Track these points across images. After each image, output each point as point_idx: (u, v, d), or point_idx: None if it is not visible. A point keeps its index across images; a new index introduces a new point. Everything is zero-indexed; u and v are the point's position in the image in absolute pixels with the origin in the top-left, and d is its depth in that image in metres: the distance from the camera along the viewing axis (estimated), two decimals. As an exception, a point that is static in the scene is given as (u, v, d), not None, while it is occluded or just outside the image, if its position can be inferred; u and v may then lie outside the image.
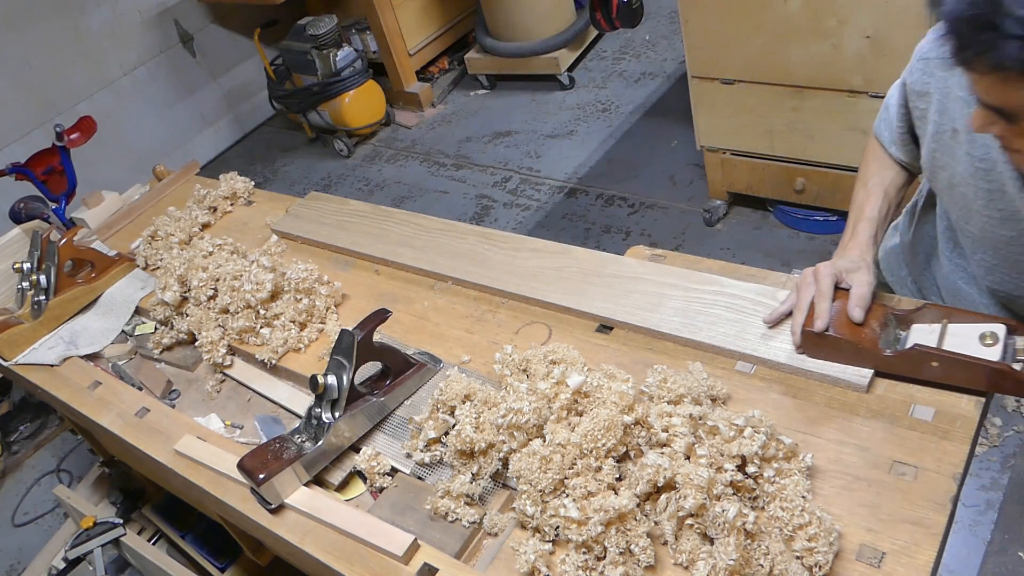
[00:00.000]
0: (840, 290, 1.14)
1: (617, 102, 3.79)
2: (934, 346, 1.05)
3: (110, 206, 2.11)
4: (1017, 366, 1.01)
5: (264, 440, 1.33)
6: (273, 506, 1.16)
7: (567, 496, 0.99)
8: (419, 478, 1.17)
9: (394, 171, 3.92)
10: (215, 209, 1.96)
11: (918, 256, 1.40)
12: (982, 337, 1.04)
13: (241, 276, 1.52)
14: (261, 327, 1.49)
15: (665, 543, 0.97)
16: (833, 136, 2.46)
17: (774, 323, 1.19)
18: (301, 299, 1.50)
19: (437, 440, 1.16)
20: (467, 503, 1.09)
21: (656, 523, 0.98)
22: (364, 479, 1.21)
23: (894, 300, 1.20)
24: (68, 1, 3.77)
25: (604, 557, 0.96)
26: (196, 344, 1.52)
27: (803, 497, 0.94)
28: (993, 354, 1.02)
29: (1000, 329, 1.04)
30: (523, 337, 1.35)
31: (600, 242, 3.03)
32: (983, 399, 1.03)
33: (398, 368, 1.28)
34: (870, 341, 1.08)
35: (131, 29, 4.06)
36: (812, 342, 1.12)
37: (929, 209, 1.34)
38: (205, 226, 1.92)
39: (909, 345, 1.06)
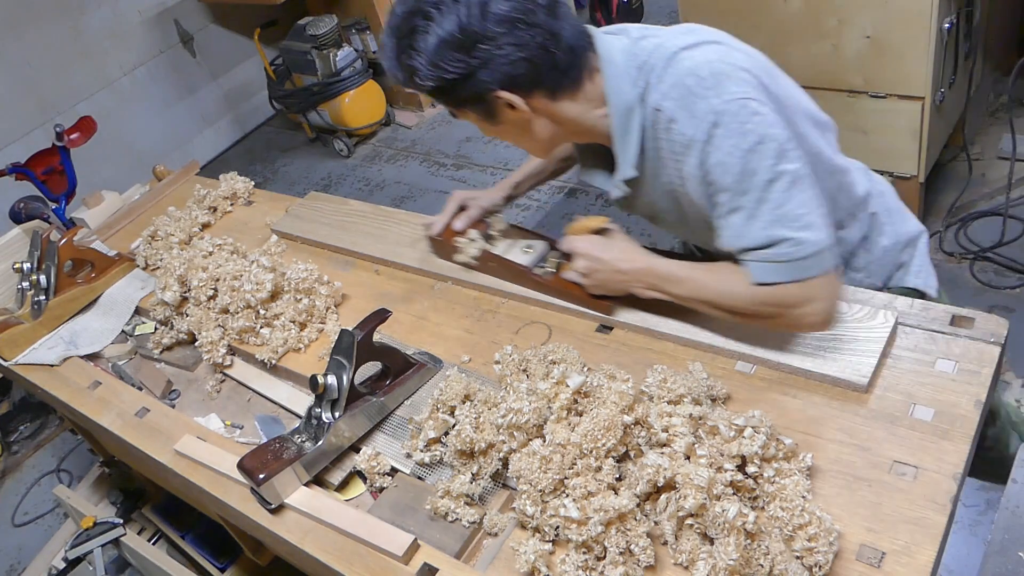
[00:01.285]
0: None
1: (617, 102, 3.79)
2: (495, 252, 1.44)
3: (110, 206, 2.11)
4: (539, 271, 1.39)
5: (264, 440, 1.33)
6: (273, 506, 1.16)
7: (567, 496, 0.99)
8: (419, 478, 1.17)
9: (394, 171, 3.92)
10: (215, 209, 1.96)
11: None
12: (524, 248, 1.43)
13: (241, 276, 1.52)
14: (261, 327, 1.49)
15: (665, 543, 0.97)
16: (833, 136, 2.46)
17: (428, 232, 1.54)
18: (301, 299, 1.50)
19: (437, 440, 1.16)
20: (467, 503, 1.09)
21: (656, 523, 0.98)
22: (364, 479, 1.21)
23: (500, 220, 1.53)
24: (68, 1, 3.76)
25: (604, 557, 0.96)
26: (196, 344, 1.52)
27: (803, 497, 0.94)
28: (525, 260, 1.41)
29: (539, 244, 1.43)
30: (523, 337, 1.35)
31: (600, 242, 3.03)
32: (983, 399, 1.03)
33: (398, 368, 1.28)
34: (449, 243, 1.50)
35: (131, 29, 4.06)
36: (432, 244, 1.55)
37: None
38: (205, 226, 1.92)
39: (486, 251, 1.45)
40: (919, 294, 1.32)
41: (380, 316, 1.24)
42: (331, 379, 1.18)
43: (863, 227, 1.29)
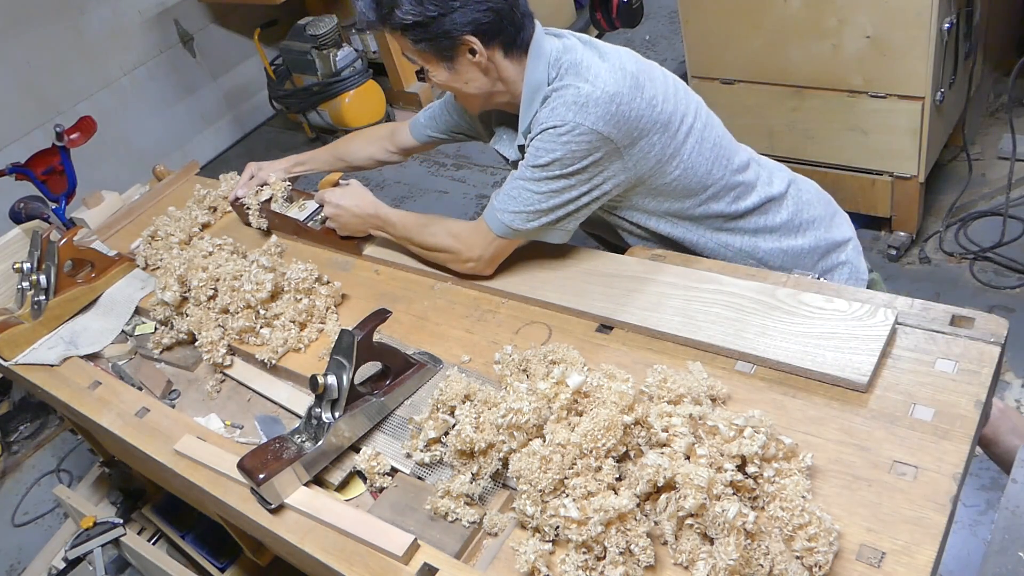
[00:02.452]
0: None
1: (617, 102, 3.78)
2: (277, 211, 1.76)
3: (110, 206, 2.11)
4: (311, 224, 1.71)
5: (264, 440, 1.33)
6: (273, 506, 1.16)
7: (567, 496, 0.99)
8: (419, 478, 1.17)
9: (394, 171, 3.92)
10: (215, 209, 1.96)
11: None
12: (300, 207, 1.77)
13: (241, 276, 1.52)
14: (261, 327, 1.49)
15: (665, 543, 0.97)
16: (833, 136, 2.46)
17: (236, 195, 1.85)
18: (301, 299, 1.50)
19: (437, 440, 1.16)
20: (467, 503, 1.09)
21: (656, 523, 0.98)
22: (364, 479, 1.21)
23: (285, 187, 1.81)
24: (68, 1, 3.76)
25: (604, 557, 0.96)
26: (196, 344, 1.52)
27: (803, 497, 0.94)
28: (299, 215, 1.74)
29: (311, 203, 1.75)
30: (523, 337, 1.35)
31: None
32: (983, 399, 1.03)
33: (398, 368, 1.28)
34: (242, 207, 1.83)
35: (131, 29, 4.06)
36: (237, 214, 1.88)
37: None
38: (205, 226, 1.91)
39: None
40: None
41: (380, 316, 1.24)
42: (331, 379, 1.18)
43: (760, 226, 1.47)
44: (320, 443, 1.18)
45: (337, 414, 1.19)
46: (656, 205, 1.42)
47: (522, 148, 1.42)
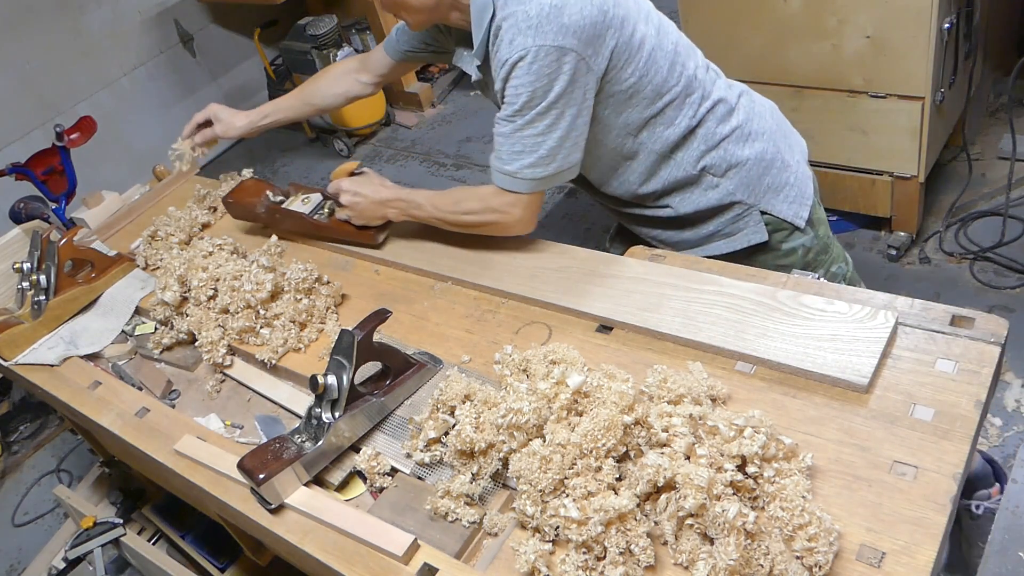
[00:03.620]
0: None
1: (617, 102, 3.78)
2: (281, 206, 1.71)
3: (110, 206, 2.11)
4: (317, 217, 1.67)
5: (264, 440, 1.33)
6: (273, 506, 1.16)
7: (567, 496, 0.99)
8: (419, 478, 1.17)
9: (394, 171, 3.92)
10: (215, 209, 1.96)
11: None
12: (303, 200, 1.72)
13: (241, 276, 1.52)
14: (261, 327, 1.49)
15: (665, 543, 0.97)
16: (833, 136, 2.46)
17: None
18: (301, 299, 1.50)
19: (437, 440, 1.16)
20: (467, 503, 1.09)
21: (656, 523, 0.98)
22: (364, 479, 1.21)
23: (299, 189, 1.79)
24: (68, 1, 3.76)
25: (604, 557, 0.96)
26: (196, 344, 1.52)
27: (803, 497, 0.94)
28: (304, 209, 1.69)
29: (315, 196, 1.71)
30: (523, 337, 1.35)
31: (600, 242, 3.03)
32: (983, 399, 1.03)
33: (398, 368, 1.28)
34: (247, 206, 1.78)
35: (131, 29, 4.06)
36: (224, 202, 1.83)
37: None
38: (205, 226, 1.91)
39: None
40: (790, 225, 1.52)
41: (380, 316, 1.24)
42: (331, 379, 1.18)
43: (711, 133, 1.46)
44: (320, 443, 1.18)
45: (337, 414, 1.19)
46: (613, 116, 1.41)
47: (480, 68, 1.43)
